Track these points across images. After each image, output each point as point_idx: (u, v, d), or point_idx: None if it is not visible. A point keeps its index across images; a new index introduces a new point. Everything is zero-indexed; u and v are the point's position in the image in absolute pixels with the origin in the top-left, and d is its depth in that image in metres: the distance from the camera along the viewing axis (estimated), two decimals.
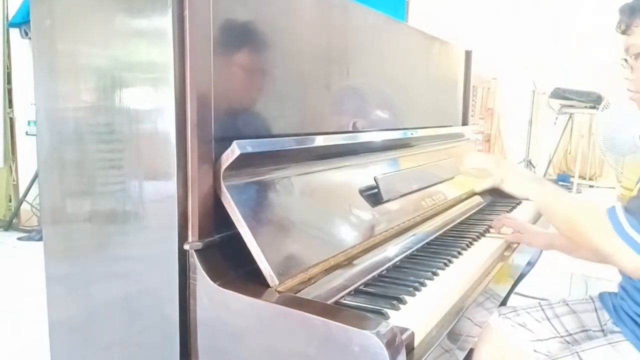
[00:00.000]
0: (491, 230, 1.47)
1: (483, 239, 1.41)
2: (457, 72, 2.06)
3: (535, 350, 1.24)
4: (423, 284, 1.01)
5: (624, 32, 1.09)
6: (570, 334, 1.25)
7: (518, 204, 1.85)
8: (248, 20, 0.97)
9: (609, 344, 1.08)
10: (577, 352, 1.08)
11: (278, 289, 0.84)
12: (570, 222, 1.03)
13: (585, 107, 4.77)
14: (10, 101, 3.90)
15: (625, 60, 1.09)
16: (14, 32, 3.78)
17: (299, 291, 0.88)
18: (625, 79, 1.11)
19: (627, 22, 1.07)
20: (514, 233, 1.42)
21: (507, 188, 1.13)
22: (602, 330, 1.23)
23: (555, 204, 1.08)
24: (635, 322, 1.07)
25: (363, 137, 1.29)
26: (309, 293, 0.90)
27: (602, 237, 0.96)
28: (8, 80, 3.88)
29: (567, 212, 1.04)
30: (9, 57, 3.86)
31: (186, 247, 0.85)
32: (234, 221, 0.86)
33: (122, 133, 0.95)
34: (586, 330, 1.25)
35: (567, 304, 1.31)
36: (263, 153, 0.93)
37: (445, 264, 1.14)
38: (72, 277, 1.11)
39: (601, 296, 1.27)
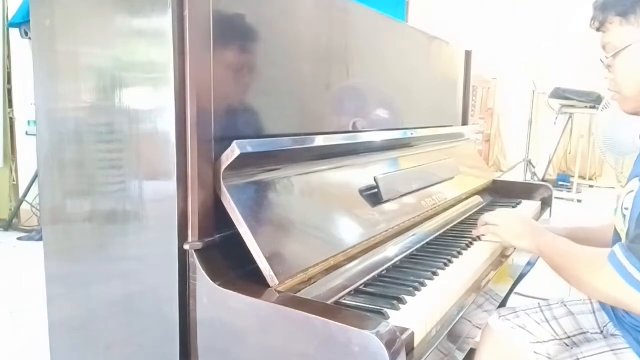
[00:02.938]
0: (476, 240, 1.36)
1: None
2: (457, 72, 2.06)
3: (535, 353, 1.23)
4: (423, 284, 1.01)
5: (598, 30, 1.03)
6: (569, 337, 1.25)
7: (518, 204, 1.85)
8: (248, 20, 0.97)
9: (612, 351, 1.05)
10: (578, 359, 1.06)
11: (278, 289, 0.84)
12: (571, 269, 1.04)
13: (585, 107, 4.77)
14: (10, 101, 3.90)
15: (603, 59, 1.04)
16: (14, 32, 3.78)
17: (299, 291, 0.88)
18: (604, 78, 1.06)
19: (601, 19, 1.01)
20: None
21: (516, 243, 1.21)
22: (601, 332, 1.22)
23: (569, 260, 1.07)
24: (637, 328, 1.06)
25: (363, 137, 1.29)
26: (309, 293, 0.90)
27: (604, 284, 0.93)
28: (8, 80, 3.87)
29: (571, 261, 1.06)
30: (9, 57, 3.85)
31: (186, 247, 0.85)
32: (234, 221, 0.86)
33: (122, 133, 0.95)
34: (584, 333, 1.24)
35: (565, 305, 1.30)
36: (263, 153, 0.93)
37: (445, 264, 1.14)
38: (72, 277, 1.11)
39: None
